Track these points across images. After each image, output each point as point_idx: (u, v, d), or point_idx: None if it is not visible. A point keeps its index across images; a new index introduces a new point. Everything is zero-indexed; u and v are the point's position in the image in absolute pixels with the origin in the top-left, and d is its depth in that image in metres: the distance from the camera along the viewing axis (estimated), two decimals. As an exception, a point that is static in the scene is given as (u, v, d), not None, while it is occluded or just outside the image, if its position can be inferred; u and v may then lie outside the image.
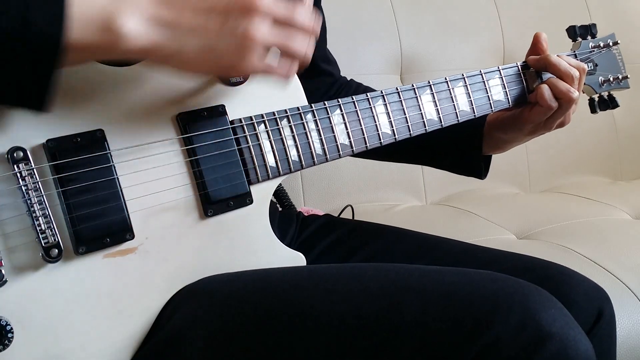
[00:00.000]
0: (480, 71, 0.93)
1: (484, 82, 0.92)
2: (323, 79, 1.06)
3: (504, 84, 0.94)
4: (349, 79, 1.13)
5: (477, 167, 1.01)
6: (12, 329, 0.60)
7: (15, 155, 0.61)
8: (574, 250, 1.24)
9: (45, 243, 0.61)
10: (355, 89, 1.09)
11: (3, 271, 0.60)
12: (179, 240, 0.70)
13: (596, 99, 1.11)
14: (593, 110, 1.11)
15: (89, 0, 0.55)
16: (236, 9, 0.59)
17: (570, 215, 1.47)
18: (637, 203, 1.59)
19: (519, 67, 0.96)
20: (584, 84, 1.00)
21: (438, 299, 0.61)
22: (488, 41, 1.80)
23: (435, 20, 1.75)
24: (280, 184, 1.01)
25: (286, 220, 0.99)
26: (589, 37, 1.10)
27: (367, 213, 1.47)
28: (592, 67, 1.07)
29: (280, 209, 1.09)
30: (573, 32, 1.08)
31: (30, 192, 0.61)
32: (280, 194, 1.05)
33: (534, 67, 0.96)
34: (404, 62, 1.71)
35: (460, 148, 1.00)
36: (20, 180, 0.61)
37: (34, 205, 0.61)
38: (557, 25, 1.85)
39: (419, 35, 1.72)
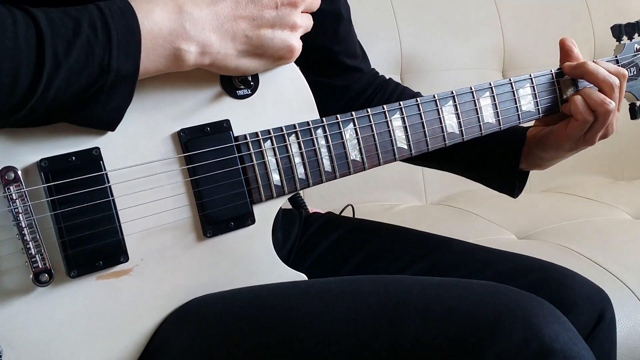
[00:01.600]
0: (510, 80, 0.86)
1: (513, 91, 0.86)
2: (350, 75, 1.00)
3: (535, 94, 0.88)
4: (386, 77, 1.07)
5: (512, 185, 0.97)
6: (1, 351, 0.60)
7: (6, 176, 0.59)
8: (574, 251, 1.24)
9: (35, 268, 0.60)
10: (392, 91, 1.03)
11: (-8, 295, 0.59)
12: (176, 261, 0.68)
13: (637, 104, 1.04)
14: (633, 117, 1.04)
15: (155, 31, 0.60)
16: (285, 5, 0.66)
17: (570, 215, 1.47)
18: (637, 203, 1.58)
19: (553, 74, 0.89)
20: (625, 90, 0.93)
21: (439, 315, 0.60)
22: (488, 41, 1.78)
23: (435, 20, 1.73)
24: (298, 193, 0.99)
25: (289, 220, 0.97)
26: (636, 36, 1.01)
27: (368, 213, 1.46)
28: (634, 73, 0.99)
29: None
30: (618, 31, 1.00)
31: (20, 215, 0.59)
32: (296, 202, 1.02)
33: (570, 75, 0.89)
34: (404, 62, 1.70)
35: (497, 163, 0.95)
36: (10, 203, 0.59)
37: (25, 229, 0.59)
38: (557, 25, 1.84)
39: (419, 35, 1.71)
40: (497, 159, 0.95)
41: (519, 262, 0.84)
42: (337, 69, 0.98)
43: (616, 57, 0.97)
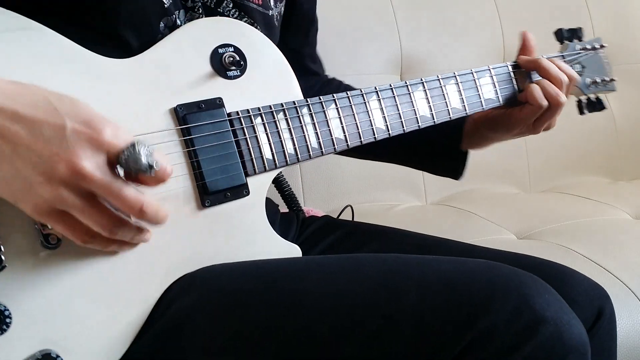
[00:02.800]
0: (471, 70, 0.94)
1: (474, 80, 0.94)
2: (310, 79, 1.06)
3: (494, 83, 0.96)
4: (330, 77, 1.13)
5: (454, 165, 1.02)
6: (10, 314, 0.61)
7: None
8: (574, 250, 1.24)
9: (44, 229, 0.62)
10: (337, 87, 1.09)
11: (3, 257, 0.61)
12: (177, 230, 0.70)
13: (584, 100, 1.13)
14: (581, 112, 1.13)
15: None
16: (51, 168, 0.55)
17: (570, 215, 1.46)
18: (637, 203, 1.57)
19: (509, 66, 0.98)
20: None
21: (436, 288, 0.62)
22: (488, 41, 1.79)
23: (435, 20, 1.74)
24: (289, 187, 1.02)
25: (287, 222, 1.00)
26: (575, 40, 1.12)
27: (367, 213, 1.46)
28: (579, 69, 1.09)
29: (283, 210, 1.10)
30: (560, 35, 1.11)
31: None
32: (289, 199, 1.05)
33: (525, 68, 0.98)
34: (404, 62, 1.71)
35: (439, 145, 1.00)
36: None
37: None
38: (557, 26, 1.85)
39: (419, 35, 1.72)
40: (440, 141, 1.00)
41: (519, 261, 0.84)
42: (301, 72, 1.04)
43: (562, 54, 1.07)
